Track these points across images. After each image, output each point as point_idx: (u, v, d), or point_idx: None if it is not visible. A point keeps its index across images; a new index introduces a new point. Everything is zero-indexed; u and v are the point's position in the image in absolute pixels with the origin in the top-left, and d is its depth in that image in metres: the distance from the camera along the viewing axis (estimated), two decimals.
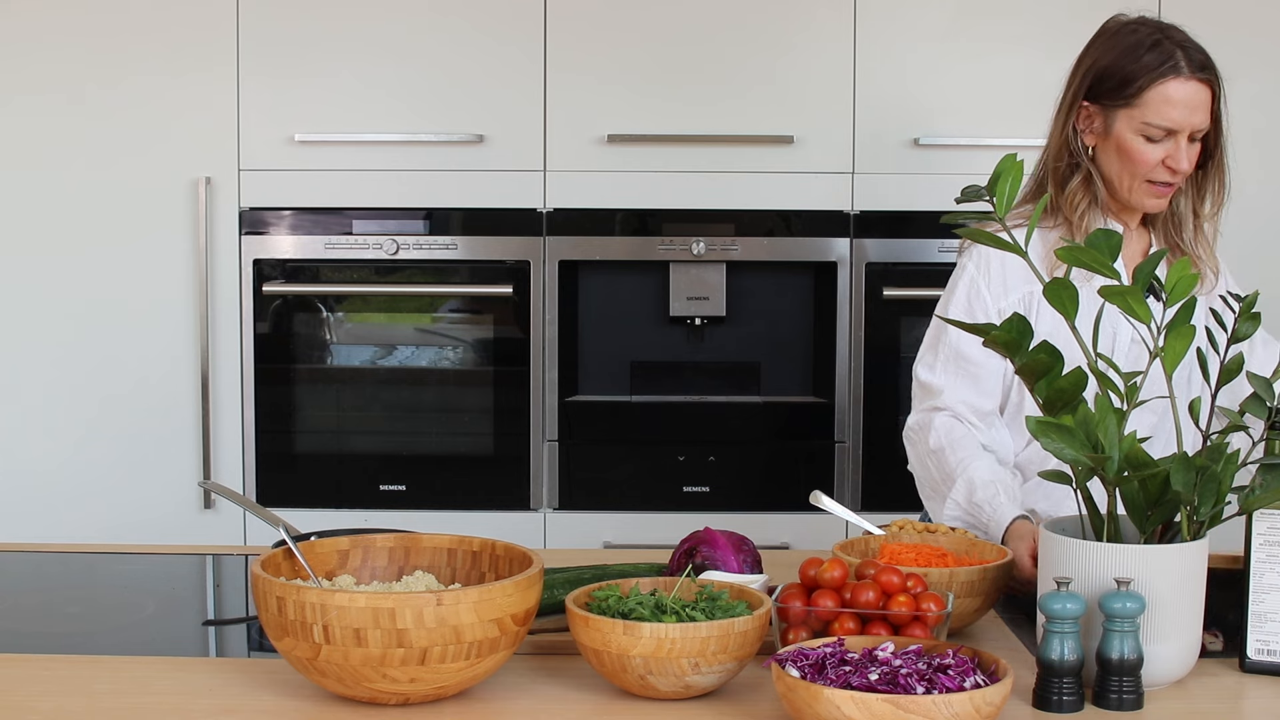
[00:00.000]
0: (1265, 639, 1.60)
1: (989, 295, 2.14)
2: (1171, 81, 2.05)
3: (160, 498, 3.24)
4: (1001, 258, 2.15)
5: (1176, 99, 2.05)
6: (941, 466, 2.09)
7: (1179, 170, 2.07)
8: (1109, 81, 2.10)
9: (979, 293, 2.14)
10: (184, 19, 3.17)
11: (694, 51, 3.19)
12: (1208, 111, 2.07)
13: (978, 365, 2.14)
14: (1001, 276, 2.15)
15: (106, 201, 3.20)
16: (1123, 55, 2.09)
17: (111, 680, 1.56)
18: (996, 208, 1.59)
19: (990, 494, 2.02)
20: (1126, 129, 2.08)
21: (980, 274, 2.16)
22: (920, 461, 2.16)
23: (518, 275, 3.21)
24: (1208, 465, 1.49)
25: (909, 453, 2.21)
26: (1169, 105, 2.05)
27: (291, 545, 1.58)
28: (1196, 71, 2.06)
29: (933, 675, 1.37)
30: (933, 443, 2.12)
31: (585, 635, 1.48)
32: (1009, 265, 2.14)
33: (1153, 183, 2.10)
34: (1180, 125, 2.05)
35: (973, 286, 2.16)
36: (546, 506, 3.26)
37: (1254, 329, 1.60)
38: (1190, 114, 2.05)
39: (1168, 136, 2.06)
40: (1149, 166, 2.08)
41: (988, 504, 2.01)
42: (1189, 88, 2.05)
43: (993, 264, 2.16)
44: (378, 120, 3.19)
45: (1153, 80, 2.06)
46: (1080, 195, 2.13)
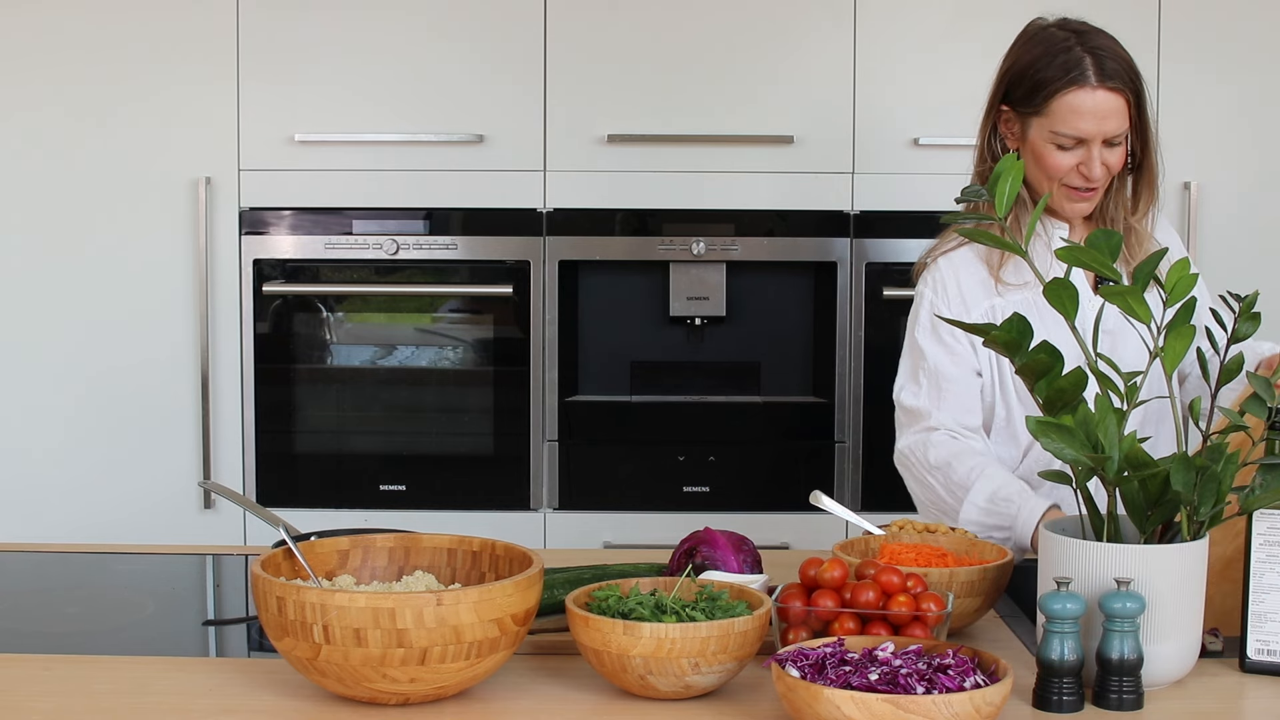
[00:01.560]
0: (1265, 639, 1.60)
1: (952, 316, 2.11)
2: (1079, 91, 2.02)
3: (160, 498, 3.24)
4: (957, 278, 2.14)
5: (1083, 109, 2.02)
6: (950, 478, 2.07)
7: (1092, 177, 2.06)
8: (1021, 87, 2.09)
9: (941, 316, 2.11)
10: (184, 19, 3.17)
11: (694, 51, 3.19)
12: (1122, 119, 2.04)
13: (959, 384, 2.13)
14: (960, 296, 2.15)
15: (106, 201, 3.20)
16: (1034, 61, 2.07)
17: (111, 680, 1.56)
18: (996, 208, 1.59)
19: (1015, 489, 2.00)
20: (1039, 136, 2.08)
21: (939, 298, 2.16)
22: (921, 481, 2.13)
23: (518, 275, 3.21)
24: (1208, 465, 1.49)
25: (906, 477, 2.18)
26: (1076, 115, 2.03)
27: (291, 545, 1.58)
28: (1105, 80, 2.03)
29: (933, 675, 1.37)
30: (933, 459, 2.10)
31: (585, 635, 1.48)
32: (964, 284, 2.14)
33: (1070, 188, 2.09)
34: (1089, 134, 2.03)
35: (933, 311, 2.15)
36: (546, 506, 3.26)
37: (1254, 329, 1.60)
38: (1099, 123, 2.03)
39: (1078, 144, 2.05)
40: (1062, 173, 2.07)
41: (1016, 496, 1.99)
42: (1096, 97, 2.02)
43: (949, 286, 2.15)
44: (378, 120, 3.19)
45: (1059, 89, 2.03)
46: None
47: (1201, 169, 3.20)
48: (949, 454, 2.09)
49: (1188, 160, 3.19)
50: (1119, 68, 2.04)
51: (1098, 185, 2.09)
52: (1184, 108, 3.19)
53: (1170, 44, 3.17)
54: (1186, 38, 3.17)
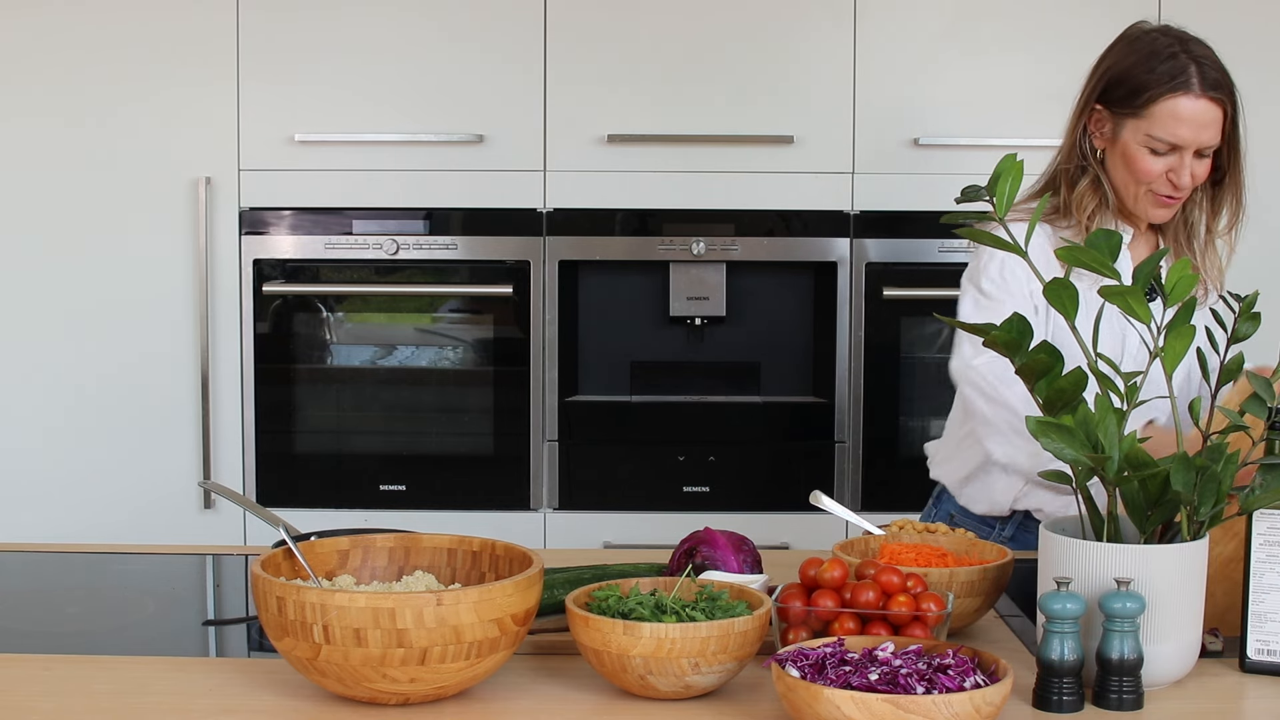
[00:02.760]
0: (1265, 639, 1.60)
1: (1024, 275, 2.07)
2: (1181, 98, 2.04)
3: (160, 498, 3.24)
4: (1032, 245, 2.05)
5: (1184, 115, 2.04)
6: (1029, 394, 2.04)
7: (1180, 185, 2.06)
8: (1121, 88, 2.08)
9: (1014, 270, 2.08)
10: (184, 19, 3.17)
11: (694, 51, 3.19)
12: (1217, 130, 2.06)
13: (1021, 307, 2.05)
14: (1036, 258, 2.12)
15: (106, 201, 3.20)
16: (1138, 64, 2.08)
17: (111, 680, 1.56)
18: (996, 208, 1.59)
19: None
20: (1133, 138, 2.07)
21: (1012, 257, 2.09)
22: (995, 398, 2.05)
23: (518, 275, 3.21)
24: (1208, 465, 1.49)
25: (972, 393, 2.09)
26: (1176, 121, 2.04)
27: (291, 545, 1.58)
28: (1208, 90, 2.04)
29: (933, 675, 1.37)
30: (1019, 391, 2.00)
31: (585, 635, 1.48)
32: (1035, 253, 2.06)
33: (1156, 194, 2.09)
34: (1186, 142, 2.04)
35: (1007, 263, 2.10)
36: (546, 506, 3.26)
37: (1254, 329, 1.59)
38: (1198, 132, 2.04)
39: (1172, 150, 2.05)
40: (1151, 178, 2.07)
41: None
42: (1198, 105, 2.04)
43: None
44: (378, 120, 3.19)
45: (1162, 94, 2.04)
46: (1089, 197, 2.11)
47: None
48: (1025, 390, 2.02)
49: None
50: (1220, 79, 2.06)
51: (1184, 194, 2.09)
52: None
53: None
54: None
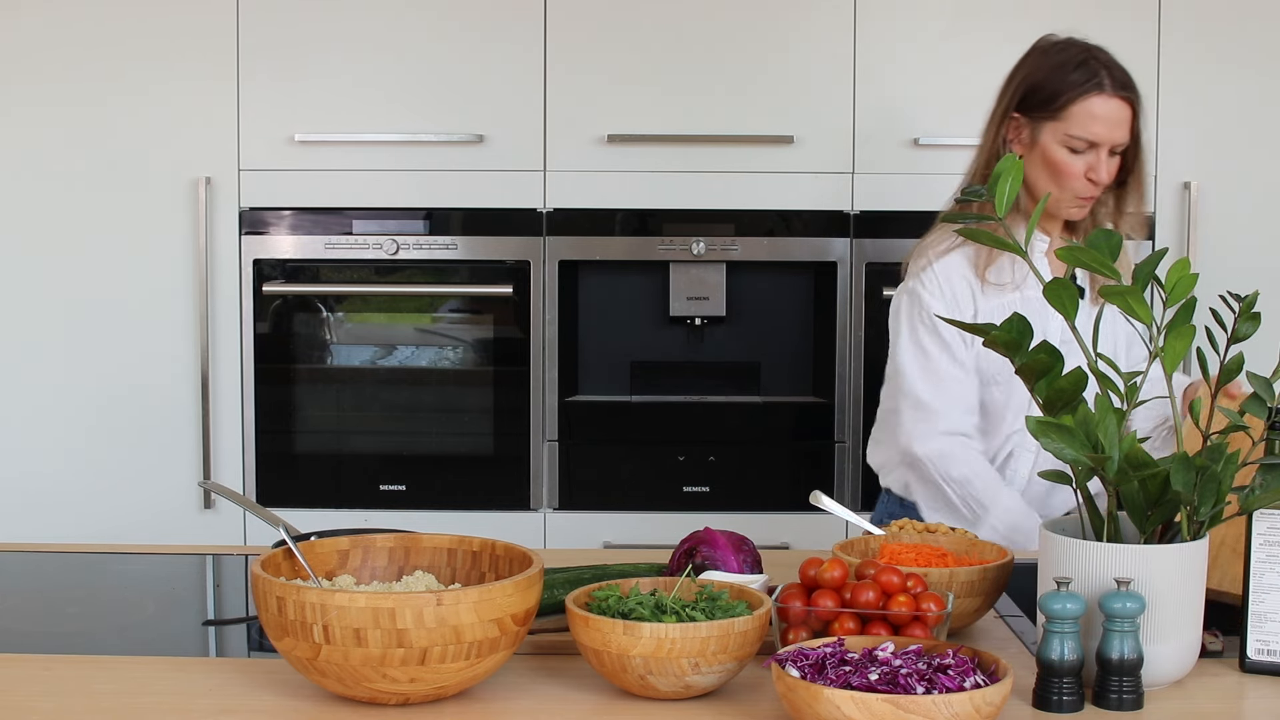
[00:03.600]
0: (1265, 639, 1.60)
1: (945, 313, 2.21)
2: (1095, 97, 2.18)
3: (160, 498, 3.24)
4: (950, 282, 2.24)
5: (1099, 113, 2.18)
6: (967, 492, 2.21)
7: (1099, 181, 2.19)
8: (1038, 95, 2.22)
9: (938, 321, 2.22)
10: (184, 19, 3.17)
11: (694, 51, 3.19)
12: (1128, 128, 2.20)
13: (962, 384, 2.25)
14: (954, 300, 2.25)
15: (106, 201, 3.20)
16: (1052, 71, 2.22)
17: (111, 680, 1.56)
18: (996, 207, 1.60)
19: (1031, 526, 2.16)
20: (1052, 140, 2.21)
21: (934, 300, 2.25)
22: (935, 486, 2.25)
23: (518, 275, 3.21)
24: (1208, 465, 1.49)
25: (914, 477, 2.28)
26: (1092, 120, 2.18)
27: (291, 545, 1.58)
28: (1119, 90, 2.18)
29: (933, 675, 1.37)
30: (956, 474, 2.22)
31: (585, 635, 1.48)
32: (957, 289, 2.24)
33: (1075, 194, 2.22)
34: (1102, 139, 2.18)
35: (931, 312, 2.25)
36: (546, 506, 3.26)
37: (1254, 329, 1.60)
38: (1111, 129, 2.18)
39: (1090, 149, 2.19)
40: (1072, 177, 2.20)
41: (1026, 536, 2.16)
42: (1111, 104, 2.18)
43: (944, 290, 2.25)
44: (378, 120, 3.19)
45: (1077, 95, 2.19)
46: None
47: (1201, 169, 3.20)
48: (970, 471, 2.22)
49: (1188, 160, 3.19)
50: (1128, 80, 2.20)
51: (1099, 191, 2.22)
52: (1184, 108, 3.19)
53: (1170, 44, 3.17)
54: (1186, 38, 3.18)
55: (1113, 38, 3.19)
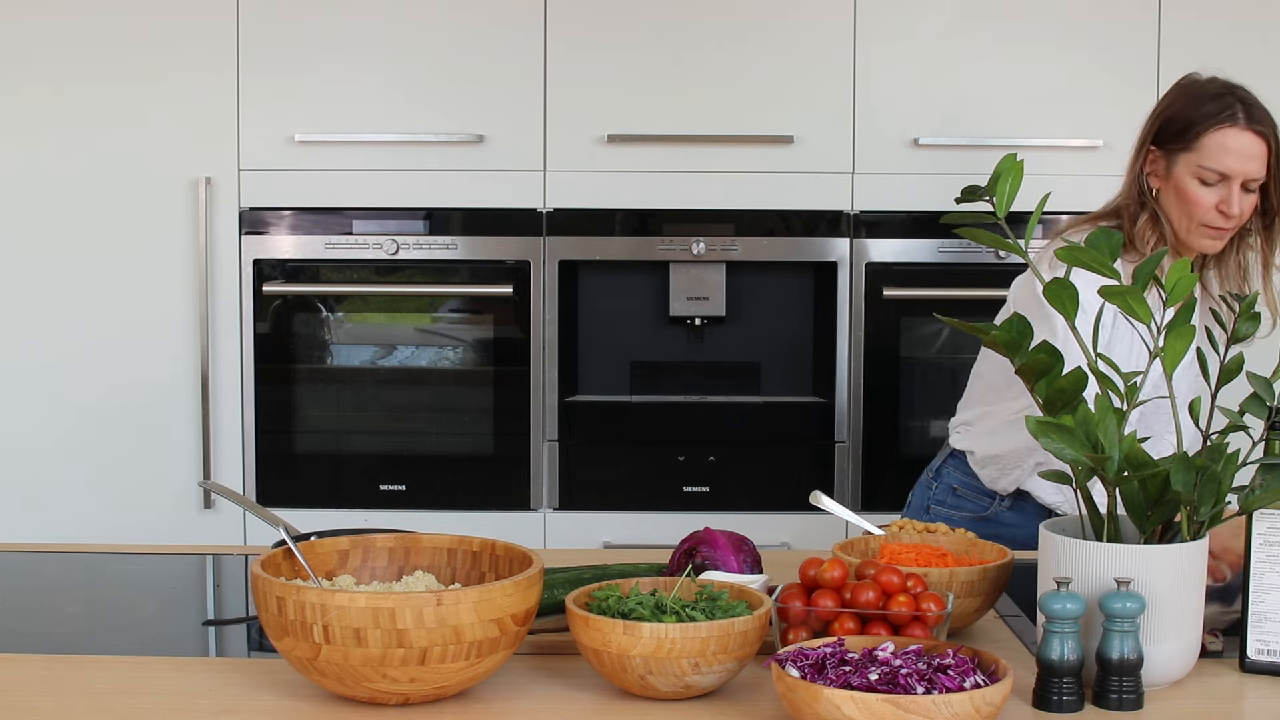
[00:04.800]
0: (1265, 639, 1.60)
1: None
2: (1229, 130, 2.20)
3: (160, 498, 3.24)
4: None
5: (1231, 146, 2.19)
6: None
7: (1231, 215, 2.20)
8: (1173, 127, 2.25)
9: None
10: (184, 19, 3.17)
11: (694, 51, 3.19)
12: (1262, 163, 2.21)
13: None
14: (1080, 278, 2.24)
15: (106, 201, 3.20)
16: (1188, 104, 2.25)
17: (111, 680, 1.56)
18: (996, 208, 1.60)
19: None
20: (1185, 172, 2.23)
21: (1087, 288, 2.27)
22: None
23: (518, 275, 3.21)
24: (1208, 465, 1.49)
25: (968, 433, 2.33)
26: (1224, 152, 2.19)
27: (291, 545, 1.58)
28: (1253, 124, 2.20)
29: (933, 675, 1.37)
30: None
31: (585, 635, 1.48)
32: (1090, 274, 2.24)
33: (1207, 225, 2.22)
34: (1233, 172, 2.19)
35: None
36: (546, 506, 3.26)
37: (1254, 329, 1.60)
38: (1244, 162, 2.19)
39: (1222, 181, 2.20)
40: (1203, 209, 2.22)
41: None
42: (1244, 138, 2.19)
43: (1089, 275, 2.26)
44: (378, 120, 3.19)
45: (1210, 127, 2.21)
46: (1149, 232, 2.26)
47: None
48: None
49: None
50: (1264, 116, 2.22)
51: (1233, 225, 2.23)
52: None
53: (1170, 44, 3.17)
54: (1186, 38, 3.17)
55: (1112, 38, 3.20)
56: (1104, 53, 3.18)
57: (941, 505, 2.42)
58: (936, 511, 2.41)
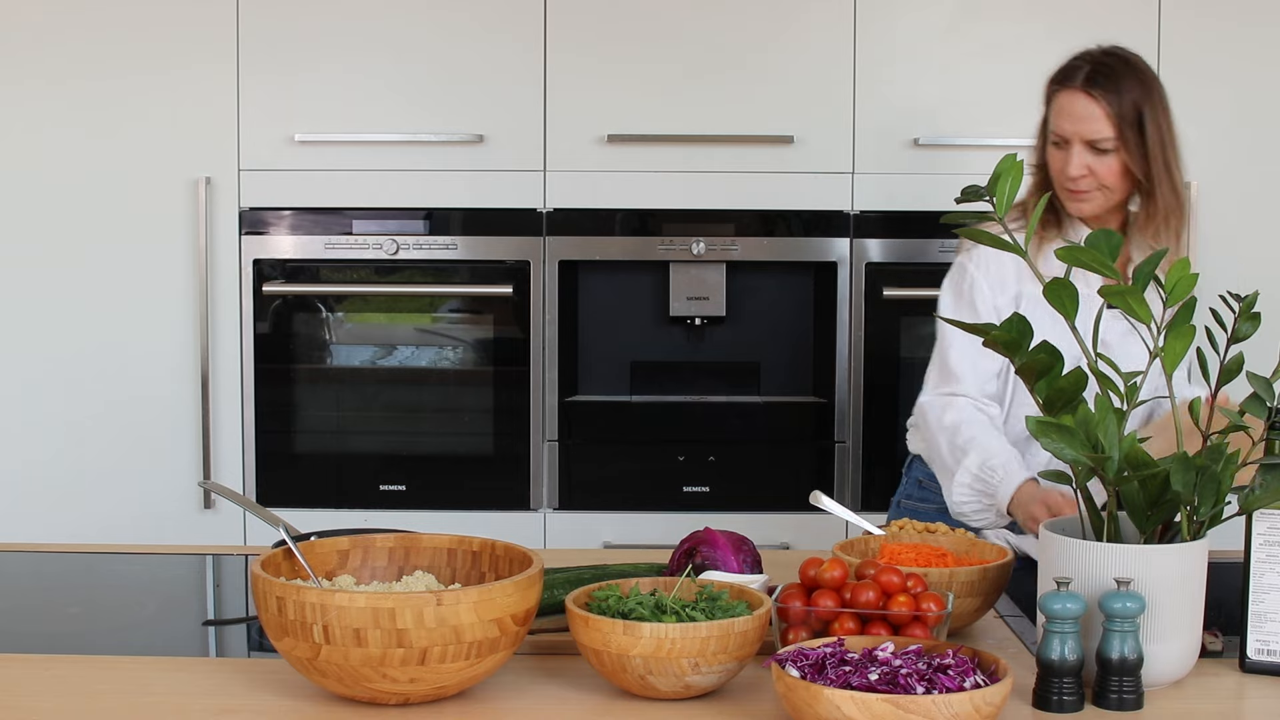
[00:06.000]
0: (1265, 639, 1.60)
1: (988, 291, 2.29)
2: (1064, 92, 2.23)
3: (160, 498, 3.24)
4: (999, 258, 2.29)
5: (1064, 108, 2.23)
6: (954, 440, 2.21)
7: (1070, 175, 2.22)
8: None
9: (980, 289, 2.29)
10: (184, 19, 3.17)
11: (694, 51, 3.19)
12: (1103, 125, 2.20)
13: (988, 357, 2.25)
14: (999, 276, 2.30)
15: (106, 202, 3.20)
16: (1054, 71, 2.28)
17: (111, 680, 1.56)
18: (996, 208, 1.60)
19: (1002, 460, 2.14)
20: (1044, 136, 2.28)
21: (980, 271, 2.31)
22: (930, 439, 2.27)
23: (518, 275, 3.21)
24: (1208, 465, 1.49)
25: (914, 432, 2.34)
26: (1059, 114, 2.24)
27: (291, 545, 1.58)
28: (1087, 86, 2.21)
29: (933, 675, 1.37)
30: (947, 420, 2.24)
31: (585, 635, 1.48)
32: (1005, 265, 2.29)
33: (1066, 189, 2.25)
34: (1067, 133, 2.22)
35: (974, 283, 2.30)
36: (546, 506, 3.26)
37: (1254, 329, 1.60)
38: (1076, 123, 2.21)
39: (1068, 144, 2.22)
40: (1056, 171, 2.25)
41: (1001, 467, 2.13)
42: (1077, 99, 2.21)
43: (990, 265, 2.30)
44: (378, 120, 3.19)
45: (1054, 90, 2.26)
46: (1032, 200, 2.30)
47: (1201, 169, 3.19)
48: (960, 418, 2.23)
49: (1188, 160, 3.19)
50: (1110, 83, 2.21)
51: (1083, 187, 2.23)
52: (1184, 109, 3.17)
53: (1170, 45, 3.17)
54: (1186, 39, 3.18)
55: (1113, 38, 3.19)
56: None
57: (910, 499, 2.45)
58: (905, 505, 2.44)
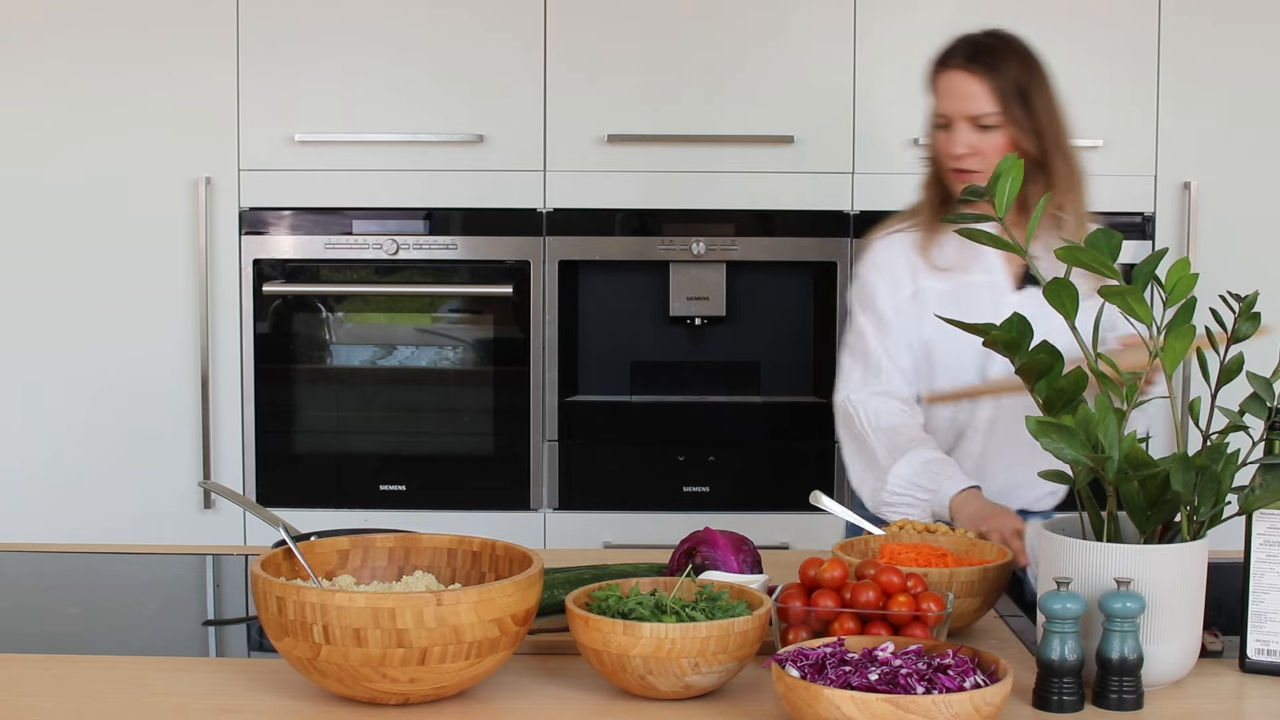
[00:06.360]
0: (1265, 639, 1.60)
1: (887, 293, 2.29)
2: (944, 73, 2.23)
3: (160, 498, 3.24)
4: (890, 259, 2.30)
5: (944, 87, 2.22)
6: (893, 440, 2.20)
7: (955, 154, 2.20)
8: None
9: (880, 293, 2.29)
10: (184, 19, 3.17)
11: (694, 51, 3.19)
12: (986, 101, 2.18)
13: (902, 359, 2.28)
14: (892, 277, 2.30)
15: (106, 202, 3.20)
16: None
17: (111, 680, 1.57)
18: (996, 208, 1.60)
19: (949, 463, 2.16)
20: (929, 122, 2.27)
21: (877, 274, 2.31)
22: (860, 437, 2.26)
23: (518, 275, 3.21)
24: (1208, 465, 1.49)
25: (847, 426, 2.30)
26: (941, 96, 2.23)
27: (291, 545, 1.58)
28: (966, 62, 2.20)
29: (933, 675, 1.37)
30: (884, 423, 2.23)
31: (585, 635, 1.48)
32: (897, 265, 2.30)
33: (953, 170, 2.22)
34: (950, 112, 2.20)
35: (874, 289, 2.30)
36: (546, 506, 3.26)
37: (1254, 329, 1.60)
38: (959, 102, 2.19)
39: (952, 124, 2.20)
40: (942, 154, 2.23)
41: (948, 467, 2.14)
42: (957, 78, 2.20)
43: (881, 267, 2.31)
44: (378, 120, 3.19)
45: (934, 73, 2.25)
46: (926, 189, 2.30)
47: (1201, 169, 3.20)
48: (898, 422, 2.23)
49: (1188, 160, 3.19)
50: (989, 59, 2.20)
51: (970, 167, 2.20)
52: (1184, 108, 3.19)
53: (1170, 44, 3.17)
54: (1186, 38, 3.17)
55: (1113, 37, 3.20)
56: (1104, 53, 3.18)
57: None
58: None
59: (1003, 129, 2.18)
